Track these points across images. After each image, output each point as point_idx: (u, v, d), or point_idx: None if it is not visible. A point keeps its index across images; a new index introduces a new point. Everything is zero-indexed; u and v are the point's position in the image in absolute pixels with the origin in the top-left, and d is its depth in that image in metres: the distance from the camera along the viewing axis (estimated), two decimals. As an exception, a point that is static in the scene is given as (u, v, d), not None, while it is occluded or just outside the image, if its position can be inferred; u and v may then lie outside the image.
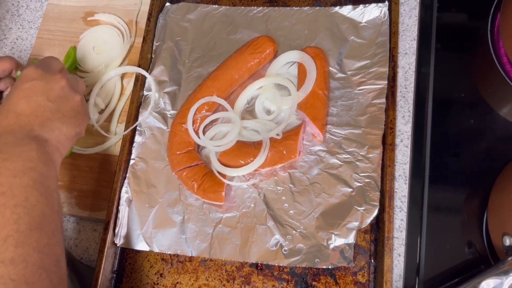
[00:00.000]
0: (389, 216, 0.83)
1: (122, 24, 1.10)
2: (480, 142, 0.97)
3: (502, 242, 0.77)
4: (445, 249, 0.91)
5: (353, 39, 0.98)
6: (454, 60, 1.04)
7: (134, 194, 0.92)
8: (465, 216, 0.93)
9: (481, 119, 0.99)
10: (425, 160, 0.95)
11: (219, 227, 0.89)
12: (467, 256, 0.91)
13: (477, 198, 0.94)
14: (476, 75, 1.04)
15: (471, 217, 0.93)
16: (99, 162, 0.99)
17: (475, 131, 0.98)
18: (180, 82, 1.01)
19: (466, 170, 0.95)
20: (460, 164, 0.96)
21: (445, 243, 0.91)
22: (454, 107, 0.99)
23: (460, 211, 0.93)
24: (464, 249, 0.91)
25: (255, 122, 0.94)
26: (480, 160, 0.96)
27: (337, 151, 0.91)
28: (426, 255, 0.90)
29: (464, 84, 1.02)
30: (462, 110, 0.99)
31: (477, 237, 0.91)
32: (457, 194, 0.94)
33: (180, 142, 0.92)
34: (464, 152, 0.97)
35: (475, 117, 0.99)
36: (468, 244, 0.91)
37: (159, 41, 1.05)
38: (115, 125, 1.00)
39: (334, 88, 0.96)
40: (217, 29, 1.05)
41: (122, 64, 1.06)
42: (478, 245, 0.91)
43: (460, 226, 0.93)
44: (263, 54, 0.95)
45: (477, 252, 0.91)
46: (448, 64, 1.03)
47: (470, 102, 1.00)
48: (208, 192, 0.87)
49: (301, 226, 0.86)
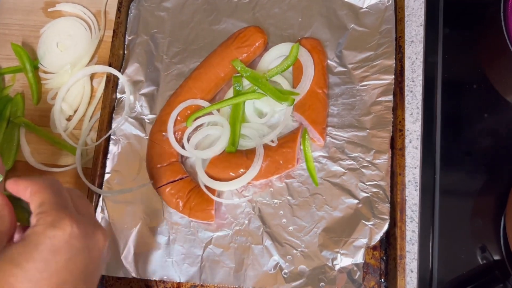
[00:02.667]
0: (401, 231, 0.73)
1: (89, 15, 0.96)
2: (495, 139, 0.88)
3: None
4: (460, 259, 0.84)
5: (354, 27, 0.86)
6: (464, 47, 0.94)
7: (111, 214, 0.81)
8: (480, 221, 0.86)
9: (495, 113, 0.90)
10: (436, 163, 0.85)
11: (209, 248, 0.79)
12: (480, 261, 0.84)
13: (492, 202, 0.86)
14: (488, 62, 0.94)
15: (486, 222, 0.85)
16: (71, 177, 0.87)
17: (489, 127, 0.89)
18: (158, 82, 0.88)
19: (481, 170, 0.87)
20: (474, 164, 0.87)
21: (459, 252, 0.84)
22: (466, 102, 0.90)
23: (475, 217, 0.85)
24: (477, 256, 0.84)
25: (246, 127, 0.82)
26: (495, 159, 0.87)
27: (339, 157, 0.80)
28: (439, 269, 0.82)
29: (475, 74, 0.93)
30: (474, 105, 0.90)
31: (491, 242, 0.85)
32: (471, 198, 0.86)
33: (161, 153, 0.80)
34: (478, 150, 0.88)
35: (489, 110, 0.89)
36: (481, 249, 0.85)
37: (132, 34, 0.91)
38: (86, 134, 0.88)
39: (334, 84, 0.84)
40: (198, 18, 0.92)
41: (90, 62, 0.93)
42: (493, 250, 0.84)
43: (475, 233, 0.85)
44: (252, 47, 0.83)
45: (491, 257, 0.84)
46: (458, 52, 0.93)
47: (483, 94, 0.91)
48: (196, 210, 0.77)
49: (302, 245, 0.77)
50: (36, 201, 0.52)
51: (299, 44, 0.83)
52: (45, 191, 0.52)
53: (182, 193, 0.77)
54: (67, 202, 0.54)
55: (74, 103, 0.90)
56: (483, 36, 0.96)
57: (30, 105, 0.92)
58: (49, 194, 0.52)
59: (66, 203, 0.53)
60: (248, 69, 0.82)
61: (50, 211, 0.51)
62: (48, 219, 0.50)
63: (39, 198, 0.52)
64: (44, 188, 0.53)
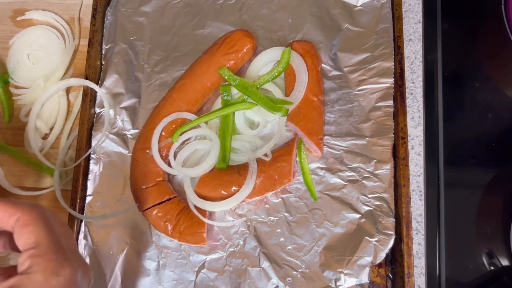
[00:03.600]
0: (408, 247, 0.68)
1: (62, 23, 0.88)
2: (501, 140, 0.83)
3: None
4: (468, 269, 0.80)
5: (348, 27, 0.80)
6: (464, 43, 0.89)
7: (95, 239, 0.75)
8: (488, 228, 0.82)
9: (499, 112, 0.85)
10: (440, 169, 0.80)
11: (203, 273, 0.73)
12: (488, 267, 0.80)
13: (500, 206, 0.82)
14: (489, 58, 0.89)
15: (494, 227, 0.81)
16: (50, 200, 0.81)
17: (494, 127, 0.84)
18: (140, 93, 0.82)
19: (486, 174, 0.82)
20: (479, 168, 0.83)
21: (467, 261, 0.80)
22: (469, 102, 0.85)
23: (482, 223, 0.81)
24: (485, 262, 0.80)
25: (236, 139, 0.76)
26: (501, 161, 0.83)
27: (338, 168, 0.75)
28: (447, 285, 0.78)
29: (477, 71, 0.88)
30: (477, 104, 0.85)
31: (499, 248, 0.81)
32: (477, 204, 0.81)
33: (145, 173, 0.74)
34: (483, 153, 0.83)
35: (493, 110, 0.85)
36: (488, 255, 0.81)
37: (109, 43, 0.84)
38: (64, 153, 0.81)
39: (329, 89, 0.79)
40: (179, 23, 0.85)
41: (66, 74, 0.86)
42: (501, 256, 0.80)
43: (482, 240, 0.81)
44: (240, 53, 0.77)
45: (499, 263, 0.80)
46: (458, 48, 0.87)
47: (486, 93, 0.86)
48: (186, 234, 0.71)
49: (303, 265, 0.72)
50: (30, 238, 0.46)
51: (290, 48, 0.76)
52: (38, 225, 0.47)
53: (170, 215, 0.71)
54: (60, 239, 0.48)
55: (50, 120, 0.83)
56: (483, 30, 0.91)
57: (1, 124, 0.85)
58: (43, 231, 0.47)
59: (60, 240, 0.48)
60: (237, 77, 0.76)
61: (49, 254, 0.46)
62: (49, 265, 0.45)
63: (34, 235, 0.46)
64: (36, 220, 0.47)
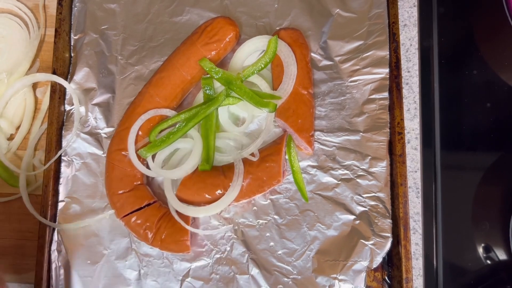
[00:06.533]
0: (406, 250, 0.64)
1: (25, 10, 0.81)
2: (500, 132, 0.79)
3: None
4: (467, 266, 0.77)
5: (339, 12, 0.74)
6: (460, 28, 0.84)
7: (69, 249, 0.69)
8: (487, 224, 0.78)
9: (498, 101, 0.80)
10: (436, 164, 0.76)
11: (187, 282, 0.68)
12: (484, 262, 0.77)
13: (499, 200, 0.79)
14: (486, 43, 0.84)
15: (493, 222, 0.78)
16: (18, 207, 0.74)
17: (493, 118, 0.80)
18: (114, 88, 0.75)
19: (485, 168, 0.78)
20: (477, 161, 0.79)
21: (466, 260, 0.77)
22: (467, 91, 0.80)
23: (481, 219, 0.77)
24: (482, 257, 0.77)
25: (220, 138, 0.70)
26: (501, 153, 0.79)
27: (330, 166, 0.70)
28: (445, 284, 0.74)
29: (474, 57, 0.83)
30: (475, 94, 0.80)
31: (497, 243, 0.78)
32: (475, 199, 0.78)
33: (121, 176, 0.68)
34: (482, 145, 0.80)
35: (492, 99, 0.80)
36: (485, 249, 0.78)
37: (78, 33, 0.77)
38: (31, 155, 0.74)
39: (320, 81, 0.73)
40: (155, 9, 0.78)
41: (31, 68, 0.79)
42: (498, 251, 0.78)
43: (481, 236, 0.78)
44: (222, 43, 0.71)
45: (497, 257, 0.78)
46: (454, 33, 0.82)
47: (484, 81, 0.81)
48: (168, 242, 0.65)
49: (294, 271, 0.67)
50: None
51: (277, 37, 0.70)
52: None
53: (150, 222, 0.66)
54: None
55: (15, 119, 0.76)
56: (481, 13, 0.86)
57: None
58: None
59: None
60: (219, 70, 0.70)
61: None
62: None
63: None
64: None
